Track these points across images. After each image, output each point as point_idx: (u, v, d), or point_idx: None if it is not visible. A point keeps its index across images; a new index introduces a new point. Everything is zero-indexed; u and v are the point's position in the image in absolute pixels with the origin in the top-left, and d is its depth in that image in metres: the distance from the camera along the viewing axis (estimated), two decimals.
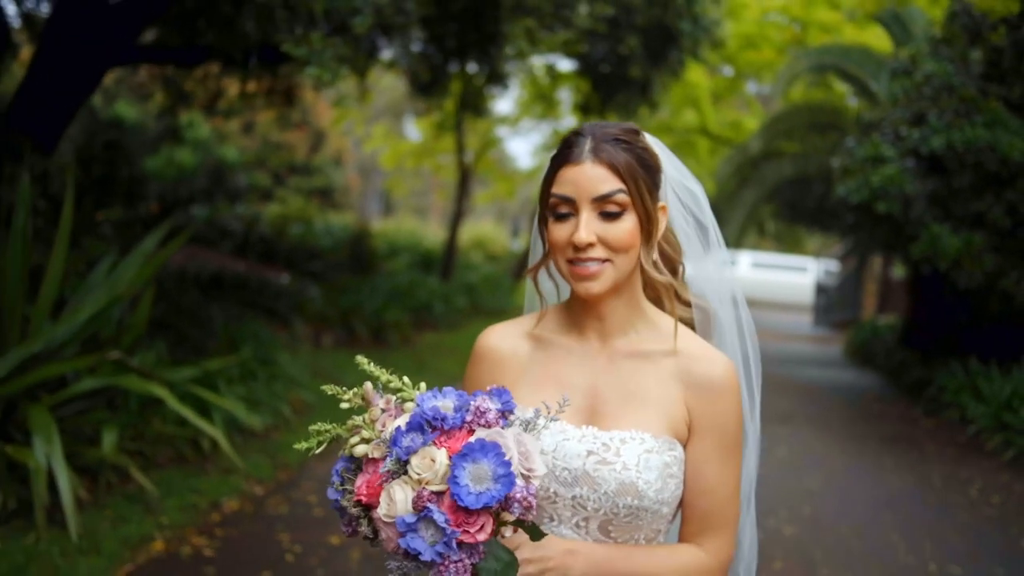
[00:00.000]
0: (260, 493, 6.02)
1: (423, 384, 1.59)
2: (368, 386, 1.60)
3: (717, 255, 1.93)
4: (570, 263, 1.67)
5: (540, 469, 1.49)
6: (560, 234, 1.67)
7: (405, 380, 1.60)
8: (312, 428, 1.61)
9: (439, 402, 1.53)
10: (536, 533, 1.57)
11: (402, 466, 1.50)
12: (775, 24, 18.86)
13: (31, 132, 7.43)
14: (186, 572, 4.65)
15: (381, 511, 1.49)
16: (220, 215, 14.97)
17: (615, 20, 9.85)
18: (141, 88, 13.44)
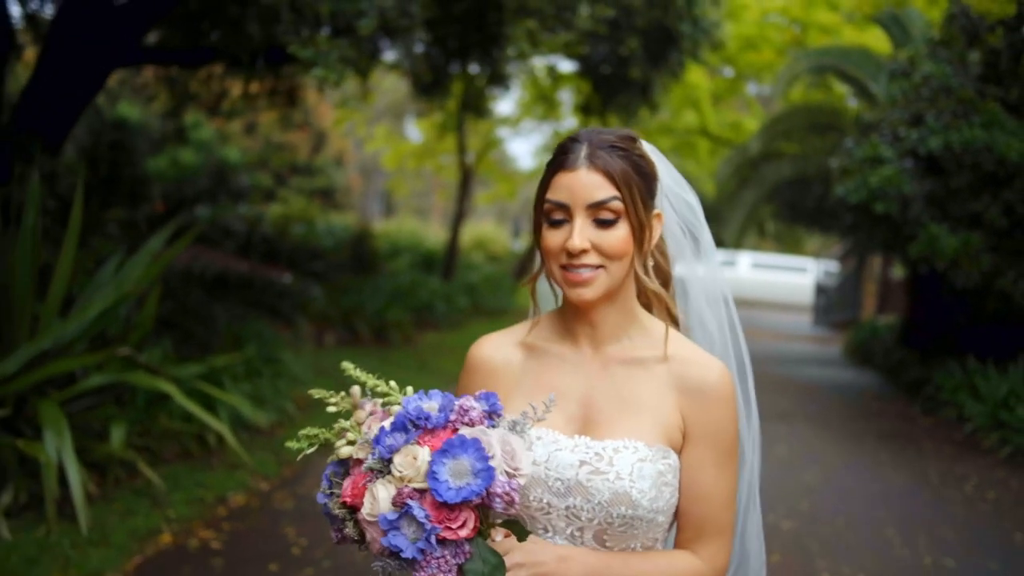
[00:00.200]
0: (265, 488, 6.10)
1: (410, 388, 1.59)
2: (355, 390, 1.60)
3: (710, 262, 1.92)
4: (563, 269, 1.67)
5: (526, 468, 1.49)
6: (554, 240, 1.66)
7: (392, 384, 1.60)
8: (301, 433, 1.63)
9: (424, 403, 1.53)
10: (521, 532, 1.57)
11: (385, 465, 1.50)
12: (775, 25, 18.91)
13: (37, 132, 7.52)
14: (194, 564, 4.74)
15: (365, 510, 1.50)
16: (223, 215, 15.06)
17: (616, 22, 9.93)
18: (144, 89, 13.53)
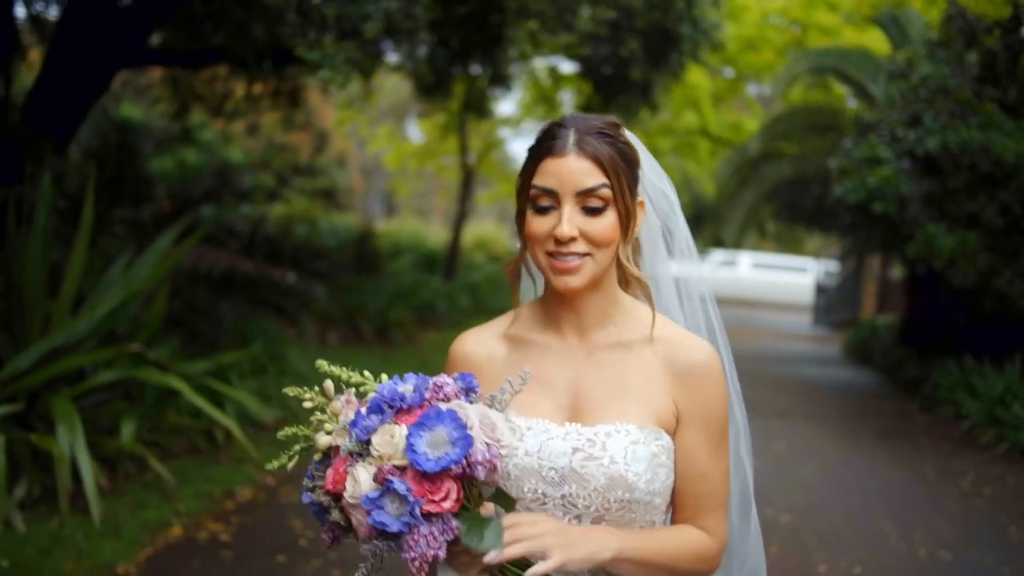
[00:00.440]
0: (272, 483, 6.20)
1: (384, 376, 1.59)
2: (328, 384, 1.61)
3: (685, 258, 1.90)
4: (550, 256, 1.64)
5: (506, 439, 1.50)
6: (541, 227, 1.63)
7: (366, 374, 1.60)
8: (280, 434, 1.63)
9: (399, 386, 1.53)
10: (507, 502, 1.58)
11: (364, 447, 1.51)
12: (775, 26, 18.98)
13: (44, 133, 7.61)
14: (204, 556, 4.85)
15: (347, 494, 1.49)
16: (227, 215, 15.16)
17: (616, 23, 10.01)
18: (147, 90, 13.62)
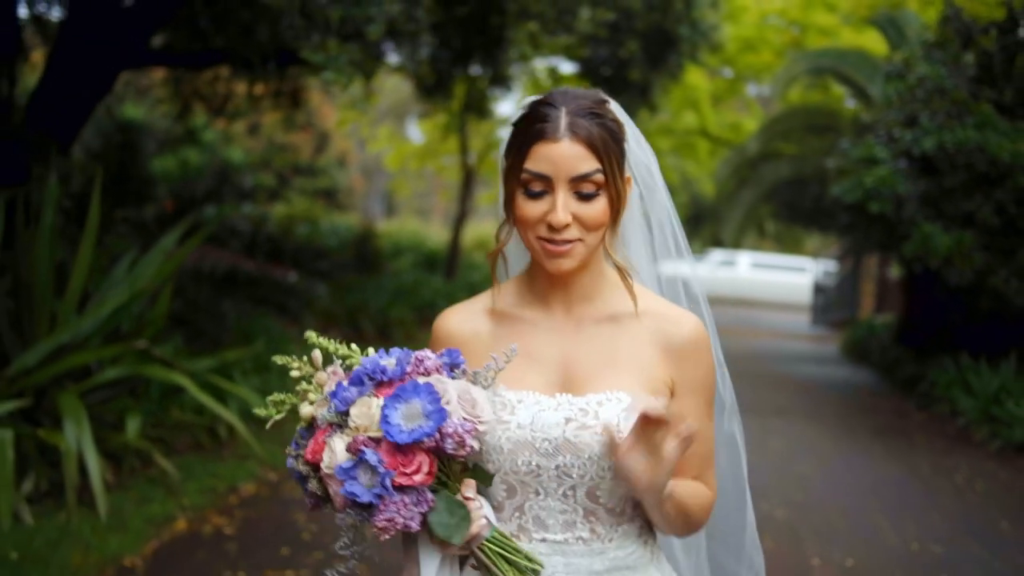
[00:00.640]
0: (275, 479, 6.29)
1: (371, 349, 1.60)
2: (316, 354, 1.61)
3: (664, 232, 1.87)
4: (542, 240, 1.64)
5: (487, 414, 1.52)
6: (533, 211, 1.62)
7: (353, 347, 1.61)
8: (269, 399, 1.65)
9: (383, 360, 1.54)
10: (484, 476, 1.59)
11: (343, 418, 1.51)
12: (774, 27, 19.08)
13: (47, 133, 7.69)
14: (209, 548, 4.94)
15: (324, 464, 1.50)
16: (228, 215, 15.26)
17: (616, 25, 10.10)
18: (148, 90, 13.71)
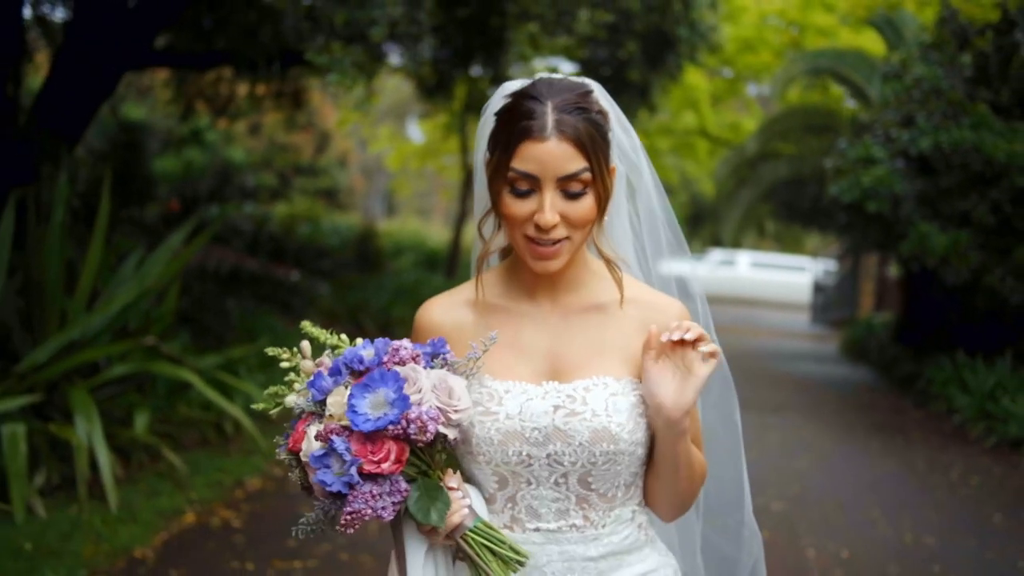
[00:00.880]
0: (280, 474, 6.39)
1: (359, 340, 1.60)
2: (305, 345, 1.62)
3: (650, 215, 1.88)
4: (529, 239, 1.62)
5: (464, 403, 1.54)
6: (520, 209, 1.61)
7: (342, 337, 1.62)
8: (267, 392, 1.65)
9: (363, 350, 1.54)
10: (455, 464, 1.61)
11: (321, 407, 1.52)
12: (773, 27, 19.17)
13: (53, 133, 7.78)
14: (217, 540, 5.05)
15: (302, 453, 1.51)
16: (231, 214, 15.37)
17: (615, 26, 10.18)
18: (149, 90, 13.82)
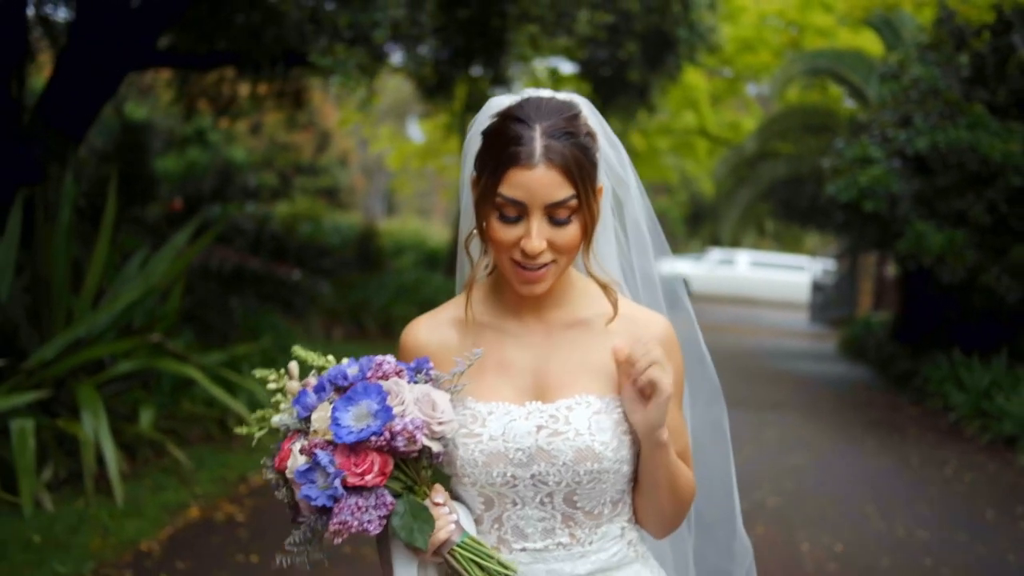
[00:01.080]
0: None
1: (345, 359, 1.61)
2: (292, 366, 1.63)
3: (637, 235, 1.89)
4: (515, 264, 1.62)
5: (448, 415, 1.54)
6: (507, 235, 1.60)
7: (329, 358, 1.64)
8: (254, 416, 1.66)
9: (348, 368, 1.55)
10: (442, 480, 1.62)
11: (306, 424, 1.53)
12: (773, 27, 19.26)
13: (59, 133, 7.86)
14: (222, 533, 5.14)
15: (288, 470, 1.51)
16: (233, 214, 15.45)
17: (614, 27, 10.27)
18: (149, 90, 13.90)
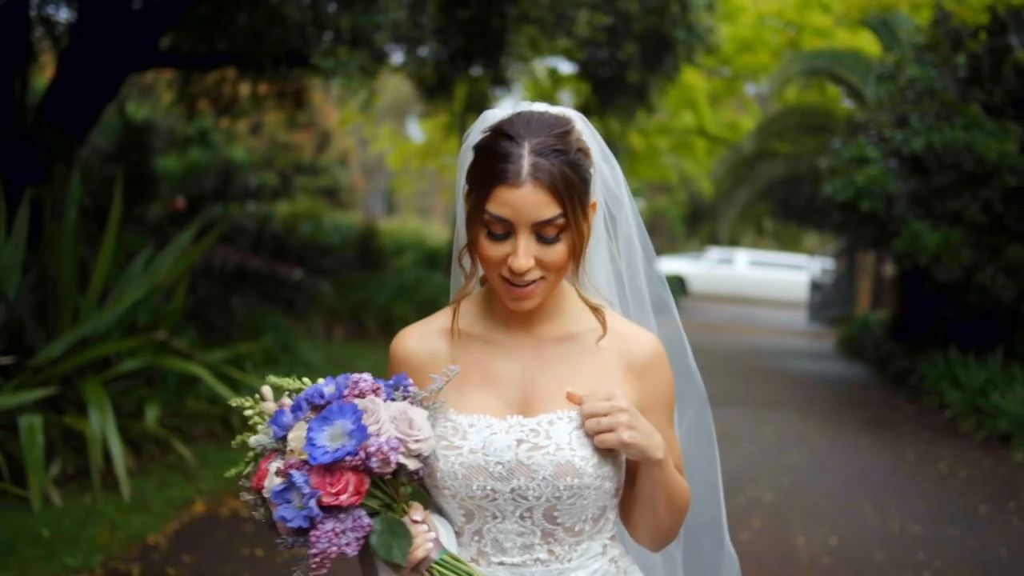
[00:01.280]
0: None
1: (321, 380, 1.61)
2: (265, 389, 1.63)
3: (631, 249, 1.89)
4: (504, 280, 1.63)
5: (425, 433, 1.54)
6: (495, 252, 1.61)
7: (305, 380, 1.64)
8: (234, 443, 1.65)
9: (325, 387, 1.55)
10: (422, 497, 1.63)
11: (283, 444, 1.53)
12: (771, 28, 19.32)
13: (63, 134, 7.94)
14: (227, 528, 5.23)
15: (264, 490, 1.51)
16: (234, 213, 15.54)
17: (613, 28, 10.34)
18: (150, 90, 13.96)
